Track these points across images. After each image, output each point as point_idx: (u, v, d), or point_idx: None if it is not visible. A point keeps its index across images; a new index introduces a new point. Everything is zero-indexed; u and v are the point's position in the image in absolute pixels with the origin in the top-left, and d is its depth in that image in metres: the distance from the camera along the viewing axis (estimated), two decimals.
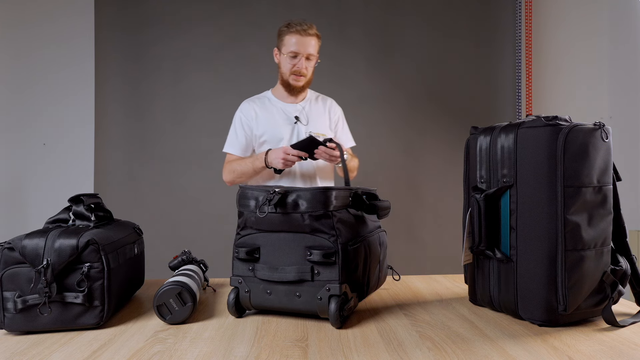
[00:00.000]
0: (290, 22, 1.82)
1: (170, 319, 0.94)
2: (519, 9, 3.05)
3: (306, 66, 1.81)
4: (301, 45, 1.78)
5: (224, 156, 1.98)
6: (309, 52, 1.79)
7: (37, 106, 2.89)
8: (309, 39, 1.79)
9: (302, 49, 1.78)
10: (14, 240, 0.88)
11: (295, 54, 1.79)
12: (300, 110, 1.90)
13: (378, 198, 1.10)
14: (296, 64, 1.80)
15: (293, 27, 1.79)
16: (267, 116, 1.88)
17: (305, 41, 1.78)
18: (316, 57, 1.84)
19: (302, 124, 1.87)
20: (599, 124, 0.90)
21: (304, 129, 1.86)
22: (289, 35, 1.80)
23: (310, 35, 1.79)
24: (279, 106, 1.90)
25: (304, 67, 1.80)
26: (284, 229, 0.95)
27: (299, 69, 1.80)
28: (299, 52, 1.78)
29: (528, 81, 3.02)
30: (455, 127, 2.94)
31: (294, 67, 1.80)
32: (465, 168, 1.10)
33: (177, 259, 1.16)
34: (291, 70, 1.81)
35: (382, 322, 0.95)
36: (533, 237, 0.91)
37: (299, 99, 1.92)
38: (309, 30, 1.79)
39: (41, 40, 2.88)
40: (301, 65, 1.79)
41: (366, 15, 3.01)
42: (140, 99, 2.92)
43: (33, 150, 2.87)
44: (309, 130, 1.85)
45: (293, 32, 1.78)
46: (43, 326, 0.88)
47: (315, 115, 1.91)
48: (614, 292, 0.92)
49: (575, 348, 0.80)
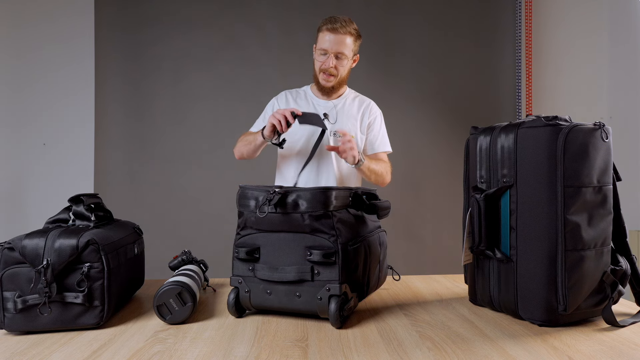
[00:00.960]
0: (327, 18, 1.75)
1: (170, 319, 0.94)
2: (519, 9, 3.05)
3: (335, 65, 1.72)
4: (331, 43, 1.69)
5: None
6: (339, 51, 1.70)
7: (37, 106, 2.89)
8: (340, 37, 1.69)
9: (331, 47, 1.70)
10: (14, 240, 0.88)
11: (325, 52, 1.71)
12: (331, 107, 1.82)
13: (378, 198, 1.10)
14: (324, 62, 1.72)
15: (327, 24, 1.71)
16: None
17: (336, 39, 1.69)
18: (349, 56, 1.74)
19: (329, 122, 1.78)
20: (599, 124, 0.90)
21: (330, 127, 1.78)
22: (322, 32, 1.72)
23: (342, 34, 1.69)
24: (313, 102, 1.84)
25: (332, 65, 1.71)
26: (284, 229, 0.95)
27: (326, 67, 1.72)
28: (328, 49, 1.71)
29: (528, 81, 3.02)
30: (455, 127, 2.94)
31: (322, 65, 1.73)
32: (465, 168, 1.10)
33: (177, 259, 1.16)
34: (320, 68, 1.74)
35: (382, 322, 0.95)
36: (533, 237, 0.91)
37: (334, 97, 1.85)
38: (342, 28, 1.69)
39: (41, 40, 2.88)
40: (329, 64, 1.71)
41: (366, 15, 3.01)
42: (140, 98, 2.92)
43: (33, 150, 2.87)
44: (335, 129, 1.77)
45: (325, 29, 1.72)
46: (43, 326, 0.88)
47: (347, 115, 1.83)
48: (614, 292, 0.92)
49: (575, 348, 0.80)
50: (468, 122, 2.04)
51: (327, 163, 1.77)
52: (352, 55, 1.76)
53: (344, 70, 1.76)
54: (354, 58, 1.78)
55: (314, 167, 1.76)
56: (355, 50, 1.77)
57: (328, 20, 1.72)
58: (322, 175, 1.77)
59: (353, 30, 1.73)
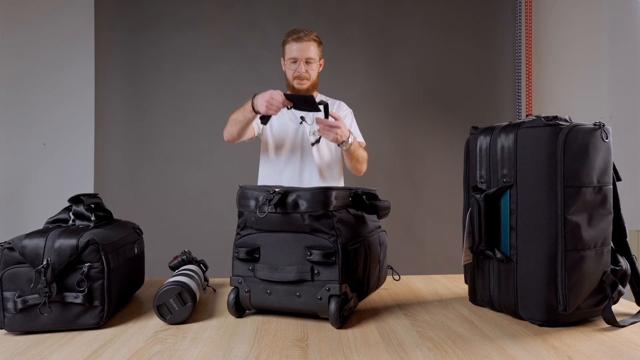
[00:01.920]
0: (289, 31, 1.92)
1: (170, 319, 0.94)
2: (519, 9, 3.05)
3: (306, 69, 1.89)
4: (299, 51, 1.87)
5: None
6: (307, 57, 1.88)
7: (37, 106, 2.89)
8: (306, 44, 1.87)
9: (300, 54, 1.87)
10: (14, 240, 0.88)
11: (295, 60, 1.88)
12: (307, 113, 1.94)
13: (378, 198, 1.10)
14: (296, 69, 1.88)
15: (291, 36, 1.90)
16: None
17: (303, 47, 1.87)
18: (317, 60, 1.92)
19: (307, 124, 1.94)
20: (599, 124, 0.90)
21: (309, 128, 1.93)
22: (288, 44, 1.90)
23: (307, 41, 1.87)
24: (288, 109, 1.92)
25: (304, 70, 1.88)
26: (284, 229, 0.95)
27: (299, 73, 1.88)
28: (298, 57, 1.87)
29: (528, 81, 3.02)
30: (455, 127, 2.94)
31: (295, 72, 1.89)
32: (465, 168, 1.10)
33: (177, 259, 1.16)
34: (293, 75, 1.90)
35: (382, 322, 0.95)
36: (533, 237, 0.91)
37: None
38: (306, 36, 1.88)
39: (41, 40, 2.88)
40: (301, 70, 1.88)
41: (366, 15, 3.01)
42: (140, 99, 2.92)
43: (33, 150, 2.88)
44: (314, 129, 1.90)
45: (291, 40, 1.89)
46: (43, 326, 0.88)
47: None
48: (614, 292, 0.92)
49: (575, 348, 0.80)
50: (468, 122, 2.04)
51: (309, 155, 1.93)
52: (319, 59, 1.94)
53: (314, 74, 1.93)
54: (320, 62, 1.96)
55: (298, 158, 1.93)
56: (320, 55, 1.96)
57: (291, 32, 1.91)
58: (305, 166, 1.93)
59: (315, 37, 1.92)
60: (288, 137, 1.94)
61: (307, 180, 1.92)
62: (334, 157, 1.98)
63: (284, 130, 1.94)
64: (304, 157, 1.93)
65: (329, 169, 1.97)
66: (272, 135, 1.96)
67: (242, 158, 2.86)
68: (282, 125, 1.95)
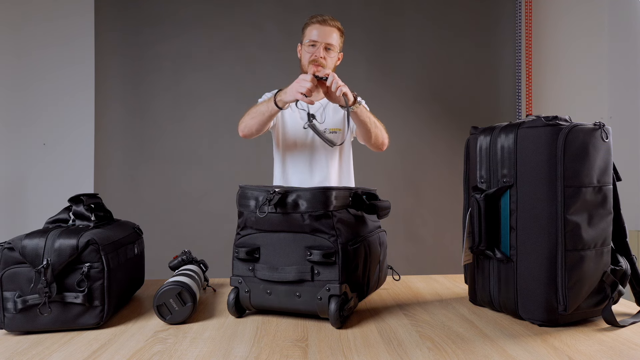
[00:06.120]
0: (313, 15, 1.78)
1: (170, 319, 0.94)
2: (519, 9, 3.05)
3: (324, 56, 1.72)
4: (320, 35, 1.71)
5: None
6: (328, 42, 1.72)
7: (37, 106, 2.89)
8: (329, 29, 1.73)
9: (321, 38, 1.71)
10: (14, 240, 0.88)
11: (314, 43, 1.72)
12: (318, 107, 1.83)
13: (378, 198, 1.10)
14: (314, 52, 1.72)
15: (314, 18, 1.74)
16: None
17: (325, 31, 1.72)
18: (337, 49, 1.77)
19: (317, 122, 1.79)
20: (599, 124, 0.90)
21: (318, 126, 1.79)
22: (310, 27, 1.75)
23: (331, 26, 1.73)
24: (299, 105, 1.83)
25: (322, 55, 1.72)
26: (284, 229, 0.95)
27: (316, 57, 1.72)
28: (318, 40, 1.71)
29: (528, 81, 3.02)
30: (455, 127, 2.94)
31: (312, 56, 1.73)
32: (465, 168, 1.10)
33: (177, 259, 1.16)
34: (310, 60, 1.74)
35: (382, 322, 0.95)
36: (533, 237, 0.91)
37: (320, 96, 1.82)
38: (331, 21, 1.73)
39: (41, 40, 2.88)
40: (319, 54, 1.71)
41: (366, 15, 3.01)
42: (140, 99, 2.92)
43: (33, 150, 2.87)
44: (324, 128, 1.81)
45: (313, 22, 1.74)
46: (43, 326, 0.88)
47: (333, 109, 1.86)
48: (614, 292, 0.92)
49: (575, 348, 0.80)
50: (468, 122, 2.04)
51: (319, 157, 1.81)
52: (339, 50, 1.79)
53: (332, 63, 1.77)
54: (338, 55, 1.81)
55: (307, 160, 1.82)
56: (341, 47, 1.81)
57: (315, 15, 1.75)
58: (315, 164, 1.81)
59: (339, 26, 1.77)
60: (298, 136, 1.83)
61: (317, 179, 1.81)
62: (345, 155, 1.89)
63: (295, 128, 1.83)
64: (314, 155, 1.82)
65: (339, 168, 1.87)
66: (283, 133, 1.85)
67: (242, 158, 2.87)
68: (292, 123, 1.84)
